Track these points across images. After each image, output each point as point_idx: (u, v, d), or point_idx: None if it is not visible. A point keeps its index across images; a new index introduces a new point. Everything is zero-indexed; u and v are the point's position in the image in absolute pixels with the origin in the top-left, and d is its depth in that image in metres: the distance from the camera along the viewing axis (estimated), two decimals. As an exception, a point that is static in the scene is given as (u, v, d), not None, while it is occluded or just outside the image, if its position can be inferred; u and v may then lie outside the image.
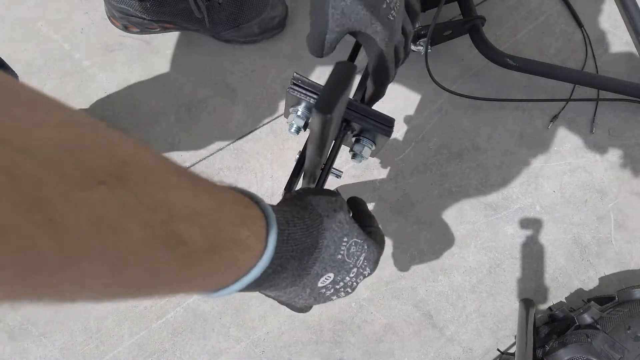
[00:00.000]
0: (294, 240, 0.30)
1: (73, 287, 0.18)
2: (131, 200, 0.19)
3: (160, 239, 0.20)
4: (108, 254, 0.18)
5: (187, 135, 0.72)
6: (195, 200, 0.23)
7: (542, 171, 0.75)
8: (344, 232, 0.35)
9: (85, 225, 0.17)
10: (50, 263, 0.16)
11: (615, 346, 0.58)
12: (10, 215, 0.15)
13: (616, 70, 0.81)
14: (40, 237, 0.16)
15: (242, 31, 0.74)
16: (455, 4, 0.76)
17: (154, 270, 0.20)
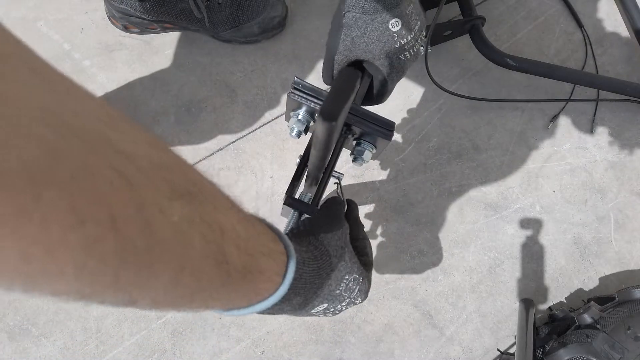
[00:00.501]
0: (305, 280, 0.32)
1: (144, 288, 0.19)
2: (196, 216, 0.21)
3: (212, 254, 0.22)
4: (175, 261, 0.20)
5: (187, 135, 0.72)
6: (239, 225, 0.25)
7: (542, 171, 0.75)
8: (347, 271, 0.38)
9: (167, 232, 0.19)
10: (139, 259, 0.18)
11: (615, 346, 0.58)
12: (121, 210, 0.16)
13: (616, 70, 0.81)
14: (136, 235, 0.17)
15: (241, 31, 0.74)
16: (455, 4, 0.76)
17: (203, 283, 0.22)
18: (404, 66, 0.48)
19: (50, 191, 0.14)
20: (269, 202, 0.70)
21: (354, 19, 0.46)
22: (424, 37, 0.49)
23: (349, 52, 0.46)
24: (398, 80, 0.49)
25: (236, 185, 0.71)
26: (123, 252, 0.17)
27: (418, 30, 0.48)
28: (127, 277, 0.18)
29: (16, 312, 0.64)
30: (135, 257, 0.18)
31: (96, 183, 0.16)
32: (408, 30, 0.46)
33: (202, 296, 0.23)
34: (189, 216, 0.20)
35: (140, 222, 0.18)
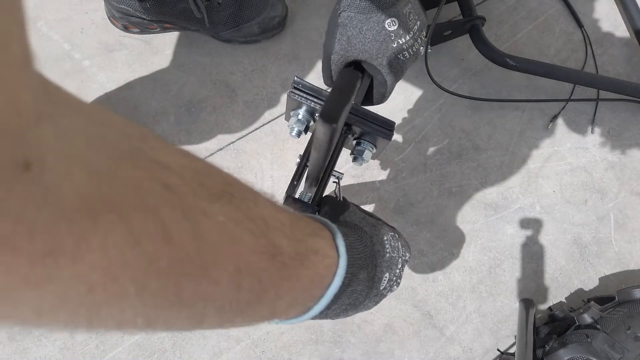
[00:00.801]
0: (356, 250, 0.31)
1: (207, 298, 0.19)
2: (237, 214, 0.21)
3: (263, 247, 0.22)
4: (230, 263, 0.20)
5: (187, 135, 0.72)
6: (279, 214, 0.25)
7: (542, 171, 0.75)
8: (382, 233, 0.38)
9: (215, 233, 0.19)
10: (196, 268, 0.18)
11: (615, 346, 0.58)
12: (170, 220, 0.17)
13: (616, 70, 0.81)
14: (189, 243, 0.18)
15: (241, 31, 0.74)
16: (455, 4, 0.76)
17: (263, 282, 0.22)
18: (403, 66, 0.48)
19: (106, 215, 0.15)
20: (269, 202, 0.70)
21: (349, 18, 0.46)
22: (424, 37, 0.49)
23: (345, 52, 0.46)
24: (397, 80, 0.49)
25: (236, 185, 0.71)
26: (178, 262, 0.17)
27: (417, 30, 0.48)
28: (188, 289, 0.18)
29: (16, 312, 0.64)
30: (191, 266, 0.18)
31: (145, 198, 0.16)
32: (406, 30, 0.46)
33: (267, 298, 0.23)
34: (233, 215, 0.21)
35: (189, 229, 0.18)
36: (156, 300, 0.17)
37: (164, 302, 0.18)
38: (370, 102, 0.52)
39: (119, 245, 0.15)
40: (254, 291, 0.22)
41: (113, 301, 0.16)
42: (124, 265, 0.15)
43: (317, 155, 0.36)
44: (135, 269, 0.16)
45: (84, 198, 0.14)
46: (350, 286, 0.30)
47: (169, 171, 0.18)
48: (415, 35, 0.47)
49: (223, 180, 0.22)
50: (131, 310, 0.17)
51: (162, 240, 0.17)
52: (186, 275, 0.18)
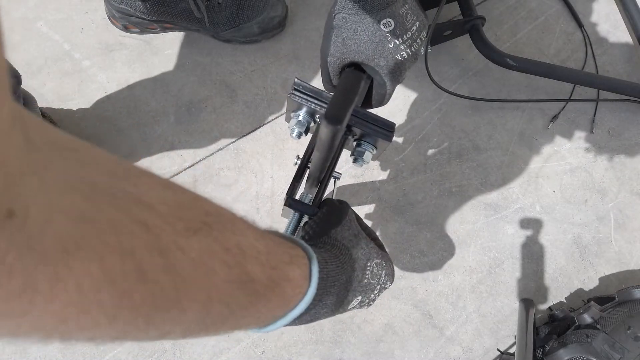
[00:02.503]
0: (332, 278, 0.32)
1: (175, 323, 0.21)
2: (214, 245, 0.22)
3: (236, 276, 0.23)
4: (202, 293, 0.21)
5: (187, 135, 0.72)
6: (257, 242, 0.26)
7: (542, 171, 0.75)
8: (367, 257, 0.38)
9: (189, 267, 0.20)
10: (168, 301, 0.19)
11: (615, 346, 0.58)
12: (146, 259, 0.18)
13: (616, 70, 0.81)
14: (162, 278, 0.19)
15: (242, 31, 0.74)
16: (455, 3, 0.76)
17: (232, 307, 0.23)
18: (401, 67, 0.47)
19: (82, 259, 0.16)
20: (269, 202, 0.70)
21: (344, 19, 0.45)
22: (424, 37, 0.49)
23: (341, 54, 0.46)
24: (397, 81, 0.49)
25: (236, 185, 0.71)
26: (152, 297, 0.19)
27: (416, 31, 0.47)
28: (157, 318, 0.19)
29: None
30: (163, 299, 0.19)
31: (122, 239, 0.18)
32: (403, 30, 0.46)
33: (233, 319, 0.24)
34: (209, 247, 0.22)
35: (164, 266, 0.19)
36: (126, 327, 0.19)
37: (132, 327, 0.19)
38: (370, 104, 0.52)
39: (94, 285, 0.16)
40: (221, 315, 0.23)
41: (85, 329, 0.17)
42: (97, 302, 0.17)
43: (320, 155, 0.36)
44: (108, 305, 0.17)
45: (62, 242, 0.15)
46: (314, 309, 0.31)
47: (148, 209, 0.19)
48: (414, 35, 0.47)
49: (203, 211, 0.23)
50: (101, 334, 0.18)
51: (136, 279, 0.18)
52: (158, 307, 0.19)
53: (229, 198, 0.70)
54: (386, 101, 0.51)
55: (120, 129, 0.72)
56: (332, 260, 0.33)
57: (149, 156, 0.71)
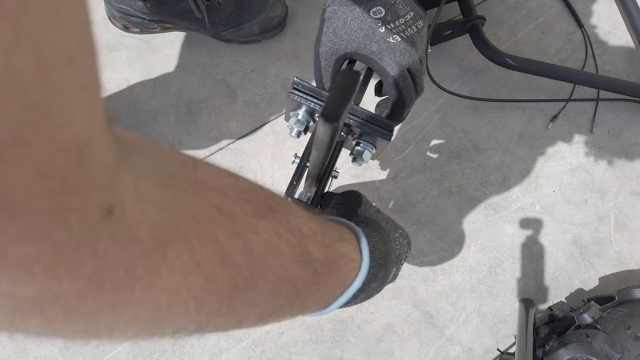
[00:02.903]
0: (378, 250, 0.33)
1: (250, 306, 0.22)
2: (279, 227, 0.23)
3: (299, 256, 0.24)
4: (273, 274, 0.22)
5: (187, 135, 0.72)
6: (311, 222, 0.27)
7: (542, 171, 0.75)
8: (394, 228, 0.40)
9: (262, 249, 0.21)
10: (245, 283, 0.20)
11: (615, 346, 0.58)
12: (226, 243, 0.19)
13: (616, 70, 0.81)
14: (241, 261, 0.20)
15: (242, 31, 0.74)
16: (455, 3, 0.76)
17: (297, 287, 0.24)
18: (395, 48, 0.46)
19: (173, 245, 0.17)
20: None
21: (333, 11, 0.46)
22: (420, 26, 0.48)
23: (332, 44, 0.47)
24: (399, 66, 0.46)
25: (236, 185, 0.71)
26: (233, 280, 0.20)
27: (411, 19, 0.47)
28: (237, 302, 0.20)
29: (16, 312, 0.64)
30: (242, 281, 0.20)
31: (204, 225, 0.19)
32: (394, 16, 0.46)
33: (299, 300, 0.25)
34: (275, 229, 0.23)
35: (241, 248, 0.20)
36: (210, 312, 0.20)
37: (216, 313, 0.20)
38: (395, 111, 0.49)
39: (183, 269, 0.17)
40: (288, 296, 0.24)
41: (175, 316, 0.18)
42: (187, 286, 0.18)
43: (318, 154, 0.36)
44: (196, 288, 0.18)
45: (156, 232, 0.16)
46: (368, 284, 0.32)
47: (221, 195, 0.21)
48: (408, 22, 0.47)
49: (265, 195, 0.24)
50: (188, 321, 0.19)
51: (219, 261, 0.19)
52: (238, 289, 0.20)
53: (229, 198, 0.70)
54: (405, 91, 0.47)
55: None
56: (373, 234, 0.34)
57: (149, 156, 0.71)
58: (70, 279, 0.13)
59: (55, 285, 0.13)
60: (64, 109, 0.12)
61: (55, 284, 0.13)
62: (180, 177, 0.19)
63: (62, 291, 0.14)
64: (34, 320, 0.14)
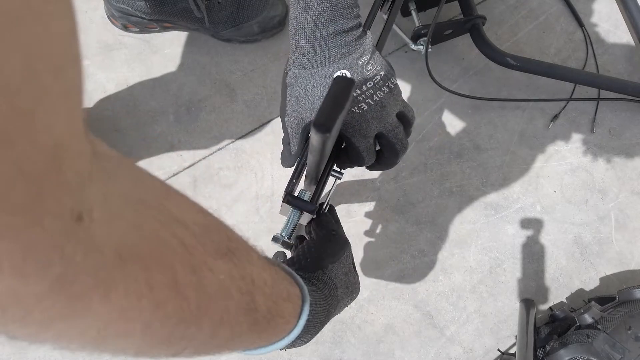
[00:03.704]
0: (316, 319, 0.34)
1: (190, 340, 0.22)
2: (234, 270, 0.24)
3: (245, 304, 0.25)
4: (217, 314, 0.23)
5: (186, 134, 0.72)
6: (265, 273, 0.27)
7: (543, 171, 0.74)
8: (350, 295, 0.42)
9: (213, 288, 0.22)
10: (191, 317, 0.21)
11: (615, 346, 0.58)
12: (181, 275, 0.20)
13: (617, 69, 0.81)
14: (192, 294, 0.20)
15: (241, 30, 0.74)
16: (455, 3, 0.76)
17: (235, 330, 0.25)
18: (361, 119, 0.42)
19: (133, 266, 0.17)
20: (269, 202, 0.70)
21: (295, 76, 0.42)
22: (392, 84, 0.44)
23: (297, 113, 0.43)
24: (364, 138, 0.43)
25: (236, 185, 0.71)
26: (181, 311, 0.20)
27: (381, 80, 0.43)
28: (179, 333, 0.21)
29: (15, 312, 0.63)
30: (189, 314, 0.21)
31: (165, 253, 0.19)
32: (362, 80, 0.42)
33: (232, 343, 0.26)
34: (230, 272, 0.24)
35: (195, 283, 0.21)
36: (153, 338, 0.20)
37: (158, 341, 0.20)
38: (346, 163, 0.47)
39: (137, 291, 0.18)
40: (225, 338, 0.24)
41: (120, 335, 0.18)
42: (138, 308, 0.18)
43: (313, 159, 0.36)
44: (146, 312, 0.18)
45: (119, 249, 0.17)
46: (299, 339, 0.33)
47: (186, 229, 0.21)
48: (377, 84, 0.42)
49: (227, 237, 0.25)
50: (130, 344, 0.19)
51: (171, 290, 0.19)
52: (183, 322, 0.20)
53: (229, 198, 0.70)
54: (367, 159, 0.45)
55: (119, 129, 0.72)
56: (321, 303, 0.35)
57: (148, 156, 0.71)
58: (36, 279, 0.13)
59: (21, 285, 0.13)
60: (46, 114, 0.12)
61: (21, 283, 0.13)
62: (150, 204, 0.20)
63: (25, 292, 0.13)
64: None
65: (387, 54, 0.78)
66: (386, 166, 0.49)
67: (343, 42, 0.41)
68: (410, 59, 0.79)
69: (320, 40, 0.41)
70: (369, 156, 0.45)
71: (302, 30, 0.41)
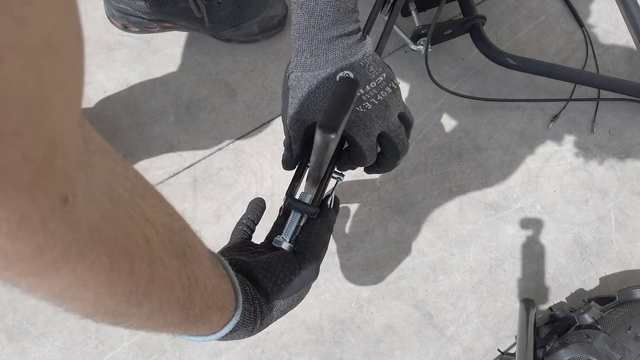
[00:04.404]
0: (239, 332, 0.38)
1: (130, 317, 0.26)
2: (183, 271, 0.28)
3: (183, 300, 0.28)
4: (157, 302, 0.26)
5: (186, 134, 0.72)
6: (208, 280, 0.31)
7: (543, 171, 0.74)
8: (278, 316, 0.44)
9: (161, 280, 0.26)
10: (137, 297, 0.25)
11: (615, 346, 0.57)
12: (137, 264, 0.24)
13: (617, 69, 0.81)
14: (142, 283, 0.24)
15: (241, 30, 0.74)
16: (455, 3, 0.76)
17: (167, 320, 0.29)
18: (365, 118, 0.43)
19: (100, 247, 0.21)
20: (269, 202, 0.70)
21: (297, 78, 0.43)
22: (395, 88, 0.44)
23: (299, 115, 0.43)
24: (368, 137, 0.44)
25: (236, 185, 0.71)
26: (129, 293, 0.24)
27: (383, 81, 0.43)
28: (122, 309, 0.25)
29: (15, 312, 0.64)
30: (134, 297, 0.24)
31: (128, 243, 0.23)
32: (366, 80, 0.42)
33: (163, 327, 0.30)
34: (179, 271, 0.27)
35: (148, 273, 0.25)
36: (100, 309, 0.24)
37: (103, 311, 0.24)
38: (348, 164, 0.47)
39: (99, 269, 0.21)
40: (157, 322, 0.28)
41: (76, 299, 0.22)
42: (96, 282, 0.22)
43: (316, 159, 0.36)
44: (101, 286, 0.22)
45: (92, 231, 0.20)
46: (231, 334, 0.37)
47: (152, 227, 0.25)
48: (381, 85, 0.43)
49: (187, 242, 0.29)
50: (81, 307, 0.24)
51: (127, 275, 0.23)
52: (127, 301, 0.24)
53: (229, 198, 0.70)
54: (368, 159, 0.46)
55: (119, 129, 0.72)
56: (248, 325, 0.38)
57: (148, 156, 0.71)
58: (23, 243, 0.17)
59: (10, 245, 0.16)
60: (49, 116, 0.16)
61: (11, 244, 0.16)
62: (125, 199, 0.24)
63: (13, 251, 0.17)
64: None
65: (387, 54, 0.78)
66: (386, 168, 0.49)
67: (345, 45, 0.42)
68: (410, 59, 0.79)
69: (323, 43, 0.41)
70: (371, 155, 0.45)
71: (305, 34, 0.41)
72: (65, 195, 0.17)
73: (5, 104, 0.14)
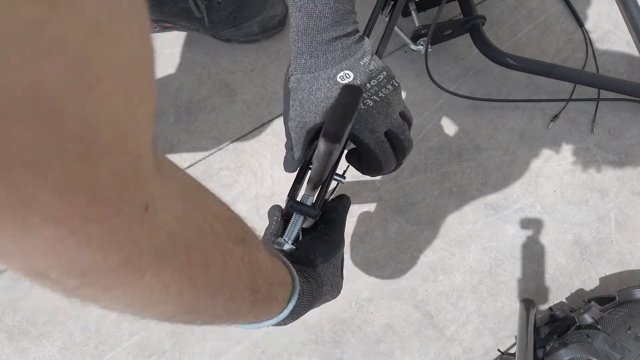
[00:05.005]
0: (302, 306, 0.39)
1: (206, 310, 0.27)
2: (246, 256, 0.29)
3: (250, 284, 0.29)
4: (229, 291, 0.27)
5: (186, 134, 0.72)
6: (267, 261, 0.32)
7: (543, 171, 0.74)
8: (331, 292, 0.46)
9: (231, 268, 0.27)
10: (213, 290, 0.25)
11: (615, 346, 0.57)
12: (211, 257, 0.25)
13: (617, 69, 0.81)
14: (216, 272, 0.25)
15: (241, 30, 0.74)
16: (455, 3, 0.76)
17: (239, 306, 0.29)
18: (367, 115, 0.43)
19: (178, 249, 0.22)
20: (269, 202, 0.70)
21: (297, 80, 0.43)
22: (396, 84, 0.44)
23: (301, 118, 0.43)
24: (373, 133, 0.43)
25: (236, 185, 0.71)
26: (207, 285, 0.25)
27: (384, 79, 0.43)
28: (201, 304, 0.25)
29: (15, 313, 0.63)
30: (211, 289, 0.25)
31: (202, 240, 0.24)
32: (366, 78, 0.42)
33: (235, 316, 0.31)
34: (242, 257, 0.28)
35: (220, 263, 0.25)
36: (181, 307, 0.25)
37: (184, 309, 0.25)
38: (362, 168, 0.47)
39: (179, 269, 0.22)
40: (231, 311, 0.29)
41: (159, 302, 0.23)
42: (178, 282, 0.22)
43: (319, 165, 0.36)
44: (183, 285, 0.23)
45: (170, 234, 0.21)
46: (284, 320, 0.38)
47: (217, 221, 0.26)
48: (382, 82, 0.43)
49: (242, 228, 0.30)
50: (163, 310, 0.24)
51: (203, 268, 0.24)
52: (205, 294, 0.25)
53: (229, 198, 0.70)
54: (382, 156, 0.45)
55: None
56: (307, 295, 0.39)
57: (148, 156, 0.71)
58: (112, 255, 0.17)
59: (102, 259, 0.17)
60: (135, 130, 0.16)
61: (102, 257, 0.17)
62: (192, 199, 0.25)
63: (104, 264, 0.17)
64: (72, 282, 0.18)
65: (387, 54, 0.78)
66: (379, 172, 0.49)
67: (344, 45, 0.42)
68: (410, 59, 0.79)
69: (322, 44, 0.42)
70: (383, 154, 0.45)
71: (304, 36, 0.42)
72: (146, 204, 0.18)
73: (98, 125, 0.14)
